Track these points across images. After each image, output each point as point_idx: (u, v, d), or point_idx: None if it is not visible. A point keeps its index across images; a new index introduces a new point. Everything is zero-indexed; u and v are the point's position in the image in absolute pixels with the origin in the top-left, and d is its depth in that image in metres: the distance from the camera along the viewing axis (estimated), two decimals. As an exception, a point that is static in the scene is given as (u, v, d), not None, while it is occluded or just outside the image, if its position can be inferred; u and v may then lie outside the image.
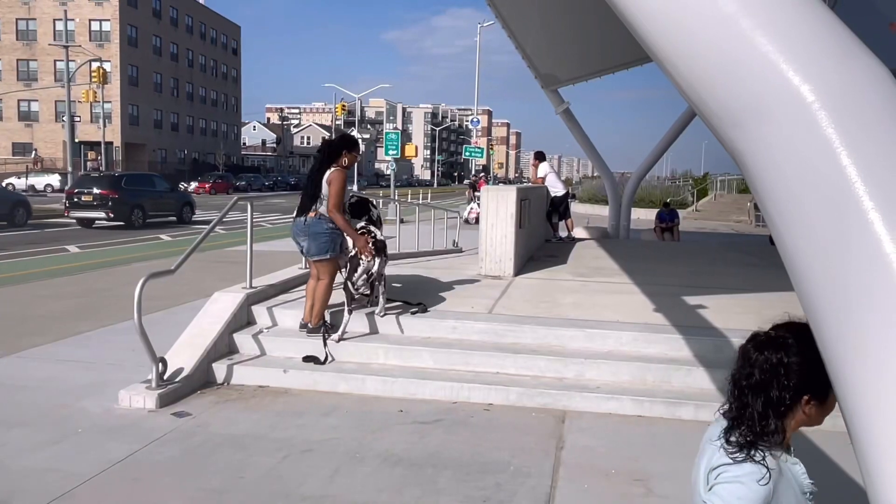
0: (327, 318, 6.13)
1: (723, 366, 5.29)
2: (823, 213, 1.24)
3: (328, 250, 5.92)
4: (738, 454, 1.62)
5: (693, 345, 5.64)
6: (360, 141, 6.32)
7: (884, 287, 1.17)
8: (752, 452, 1.61)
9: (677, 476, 4.03)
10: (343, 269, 6.12)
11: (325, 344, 5.77)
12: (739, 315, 6.29)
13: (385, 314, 6.26)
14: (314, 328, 6.00)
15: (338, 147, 6.07)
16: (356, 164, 6.16)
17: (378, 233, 6.30)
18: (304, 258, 6.16)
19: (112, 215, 20.86)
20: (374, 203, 6.96)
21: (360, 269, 6.02)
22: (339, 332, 5.95)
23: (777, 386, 1.62)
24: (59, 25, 51.90)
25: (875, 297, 1.18)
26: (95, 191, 20.96)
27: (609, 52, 15.03)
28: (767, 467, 1.59)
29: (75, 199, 21.00)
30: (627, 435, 4.71)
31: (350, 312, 5.99)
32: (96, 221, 21.46)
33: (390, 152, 30.53)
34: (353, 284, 6.00)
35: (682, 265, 10.68)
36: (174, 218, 23.66)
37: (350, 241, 6.07)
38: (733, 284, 8.53)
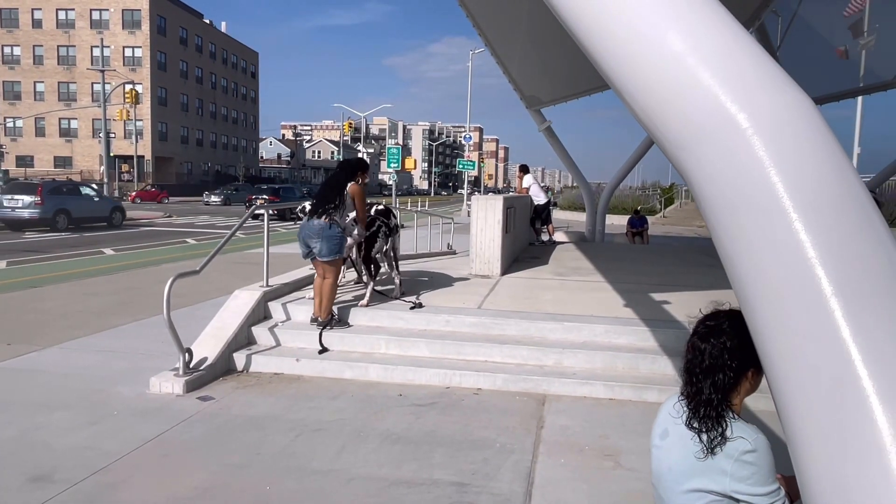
0: (335, 311, 6.16)
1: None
2: (754, 221, 1.28)
3: (337, 252, 5.99)
4: (715, 441, 1.64)
5: (658, 336, 5.69)
6: (368, 164, 6.60)
7: (803, 280, 1.22)
8: (724, 430, 1.64)
9: (644, 451, 4.06)
10: (350, 257, 6.69)
11: (320, 337, 5.85)
12: (700, 309, 6.32)
13: (399, 297, 6.67)
14: (324, 321, 6.03)
15: (355, 167, 6.24)
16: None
17: (388, 223, 6.85)
18: (307, 259, 6.20)
19: None
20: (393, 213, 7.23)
21: (376, 246, 6.67)
22: (366, 300, 6.43)
23: (725, 366, 1.67)
24: (96, 52, 51.76)
25: (796, 288, 1.23)
26: None
27: (585, 76, 15.07)
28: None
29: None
30: (600, 416, 4.75)
31: (373, 280, 6.57)
32: None
33: (392, 165, 30.53)
34: (371, 257, 6.62)
35: (650, 265, 10.73)
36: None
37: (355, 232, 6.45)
38: (695, 282, 8.58)
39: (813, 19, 15.45)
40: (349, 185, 6.13)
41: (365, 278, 6.67)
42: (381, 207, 7.09)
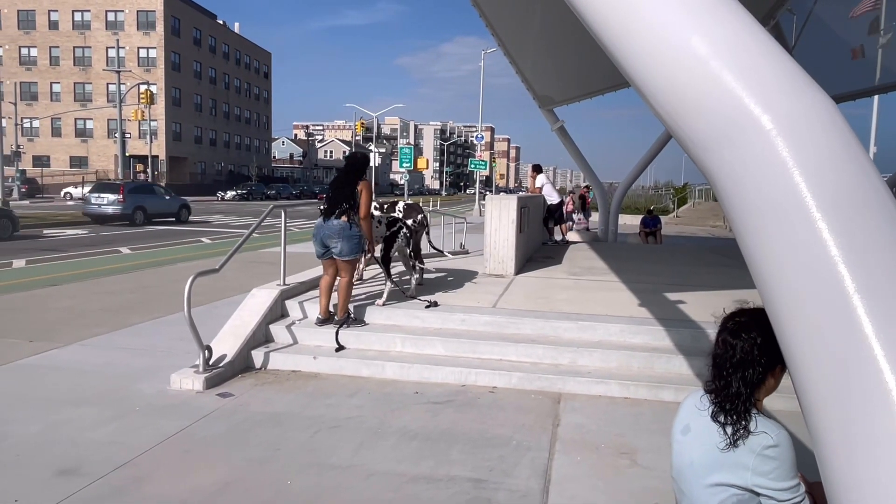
0: (351, 310, 6.22)
1: (700, 354, 5.36)
2: (776, 220, 1.32)
3: (357, 251, 6.05)
4: (739, 434, 1.67)
5: (673, 335, 5.70)
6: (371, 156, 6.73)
7: (826, 279, 1.25)
8: (748, 424, 1.67)
9: (659, 450, 4.10)
10: (366, 256, 6.79)
11: (337, 335, 5.90)
12: (715, 309, 6.31)
13: (415, 296, 6.70)
14: (341, 320, 6.09)
15: (364, 163, 6.29)
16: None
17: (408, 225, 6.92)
18: (321, 259, 6.24)
19: None
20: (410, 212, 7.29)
21: (395, 245, 6.76)
22: (383, 298, 6.49)
23: (755, 362, 1.69)
24: (112, 53, 52.32)
25: (819, 287, 1.26)
26: None
27: (598, 76, 15.08)
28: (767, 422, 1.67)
29: None
30: (615, 414, 4.77)
31: (391, 280, 6.61)
32: None
33: (404, 165, 30.61)
34: (389, 257, 6.68)
35: (664, 265, 10.71)
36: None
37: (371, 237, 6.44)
38: (709, 282, 8.56)
39: (828, 18, 15.34)
40: (360, 183, 6.10)
41: (388, 283, 6.65)
42: (408, 202, 7.17)
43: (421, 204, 9.14)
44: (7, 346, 6.19)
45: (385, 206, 7.26)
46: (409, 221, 7.33)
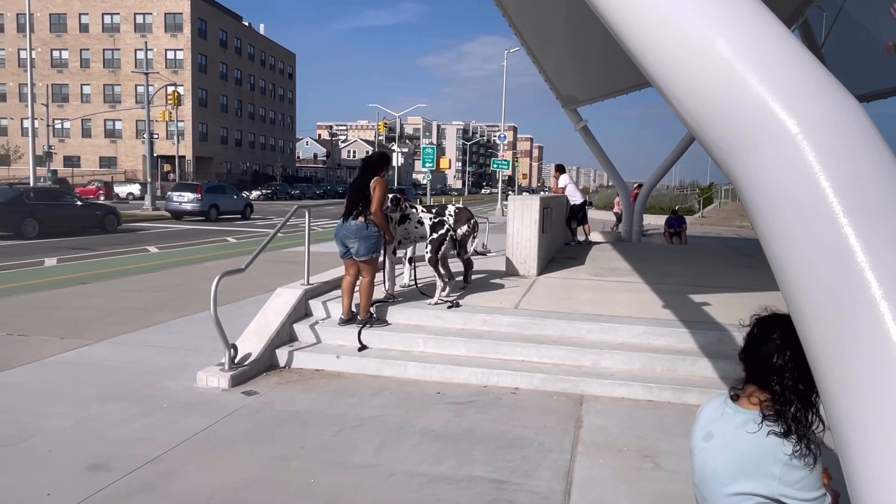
0: (373, 310, 6.26)
1: (725, 356, 5.31)
2: (803, 225, 1.31)
3: (374, 251, 6.08)
4: (808, 458, 1.62)
5: (698, 338, 5.64)
6: (392, 156, 6.70)
7: (852, 284, 1.24)
8: (812, 447, 1.63)
9: (683, 453, 4.06)
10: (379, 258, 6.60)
11: (360, 335, 5.93)
12: (740, 311, 6.19)
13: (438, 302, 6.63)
14: (363, 320, 6.13)
15: (378, 162, 6.28)
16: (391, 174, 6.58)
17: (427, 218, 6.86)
18: (342, 258, 6.30)
19: None
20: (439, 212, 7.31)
21: (443, 248, 6.73)
22: (435, 299, 6.53)
23: (792, 371, 1.63)
24: (140, 55, 53.22)
25: (845, 292, 1.25)
26: None
27: (622, 75, 14.94)
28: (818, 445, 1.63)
29: None
30: (638, 417, 4.74)
31: (444, 282, 6.63)
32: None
33: (427, 165, 30.69)
34: (440, 259, 6.69)
35: (689, 266, 10.59)
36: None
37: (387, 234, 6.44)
38: (735, 284, 8.45)
39: (859, 14, 15.02)
40: (373, 180, 6.11)
41: (438, 281, 6.64)
42: (459, 206, 7.25)
43: (443, 202, 9.15)
44: (39, 343, 6.34)
45: (434, 209, 7.25)
46: (465, 227, 7.30)
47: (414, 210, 6.87)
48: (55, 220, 18.85)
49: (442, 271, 6.70)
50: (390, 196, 6.50)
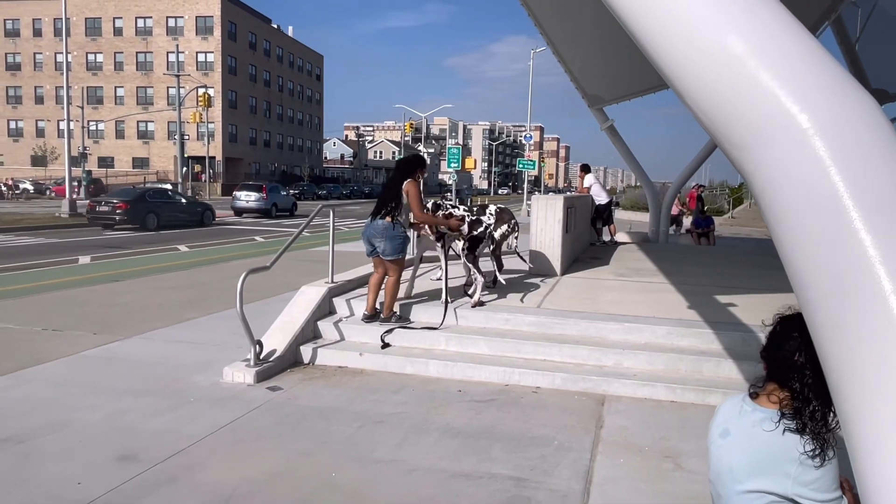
0: (396, 309, 6.31)
1: (750, 358, 5.24)
2: (815, 222, 1.30)
3: (400, 251, 6.14)
4: (818, 459, 1.61)
5: (723, 339, 5.57)
6: (426, 159, 6.68)
7: (868, 284, 1.23)
8: (826, 447, 1.62)
9: (705, 455, 4.02)
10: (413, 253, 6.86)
11: (384, 337, 5.96)
12: (766, 313, 6.09)
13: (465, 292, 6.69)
14: (386, 318, 6.19)
15: (413, 164, 6.33)
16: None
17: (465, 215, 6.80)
18: (370, 257, 6.36)
19: None
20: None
21: (481, 246, 6.71)
22: (476, 298, 6.51)
23: (815, 369, 1.61)
24: (172, 57, 54.21)
25: (860, 293, 1.24)
26: None
27: (649, 74, 14.79)
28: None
29: None
30: (660, 418, 4.71)
31: (481, 275, 6.62)
32: None
33: (452, 165, 30.69)
34: (475, 257, 6.66)
35: (716, 267, 10.45)
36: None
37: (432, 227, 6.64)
38: (763, 285, 8.32)
39: (895, 9, 14.64)
40: (405, 182, 6.20)
41: (478, 278, 6.65)
42: (500, 206, 7.27)
43: (469, 202, 9.17)
44: (73, 338, 6.53)
45: (475, 209, 7.27)
46: (504, 227, 7.33)
47: (456, 210, 6.88)
48: (168, 215, 22.57)
49: (481, 269, 6.74)
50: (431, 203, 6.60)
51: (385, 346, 5.92)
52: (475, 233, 6.65)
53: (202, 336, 6.71)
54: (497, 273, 7.21)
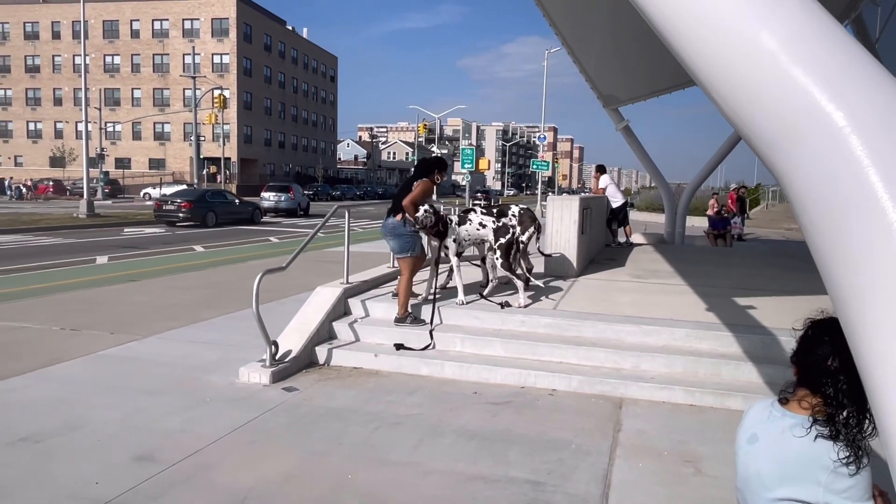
0: (410, 309, 6.29)
1: (770, 361, 5.16)
2: (851, 222, 1.26)
3: (409, 250, 6.13)
4: (853, 466, 1.56)
5: (742, 342, 5.50)
6: (447, 163, 6.60)
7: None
8: (861, 455, 1.57)
9: (725, 459, 3.96)
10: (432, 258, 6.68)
11: (398, 346, 5.89)
12: (787, 315, 6.03)
13: (484, 296, 6.67)
14: (399, 318, 6.17)
15: (431, 165, 6.33)
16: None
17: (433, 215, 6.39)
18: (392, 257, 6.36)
19: None
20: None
21: (512, 252, 6.63)
22: (522, 302, 6.48)
23: (848, 376, 1.55)
24: (188, 59, 54.72)
25: (894, 291, 1.20)
26: None
27: (665, 74, 14.68)
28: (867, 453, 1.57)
29: None
30: (679, 421, 4.65)
31: (520, 279, 6.60)
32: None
33: (466, 166, 30.67)
34: (508, 264, 6.57)
35: (734, 269, 10.33)
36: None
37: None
38: (782, 287, 8.21)
39: (918, 8, 14.41)
40: (417, 181, 6.18)
41: (517, 283, 6.62)
42: (522, 208, 7.21)
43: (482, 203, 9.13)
44: (91, 338, 6.58)
45: (496, 211, 7.22)
46: (530, 229, 7.29)
47: (474, 212, 6.84)
48: (224, 214, 24.92)
49: (518, 272, 6.72)
50: (425, 208, 6.43)
51: (399, 346, 5.90)
52: (503, 240, 6.56)
53: (218, 336, 6.73)
54: (528, 276, 7.17)
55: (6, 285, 10.17)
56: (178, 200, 23.77)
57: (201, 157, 43.61)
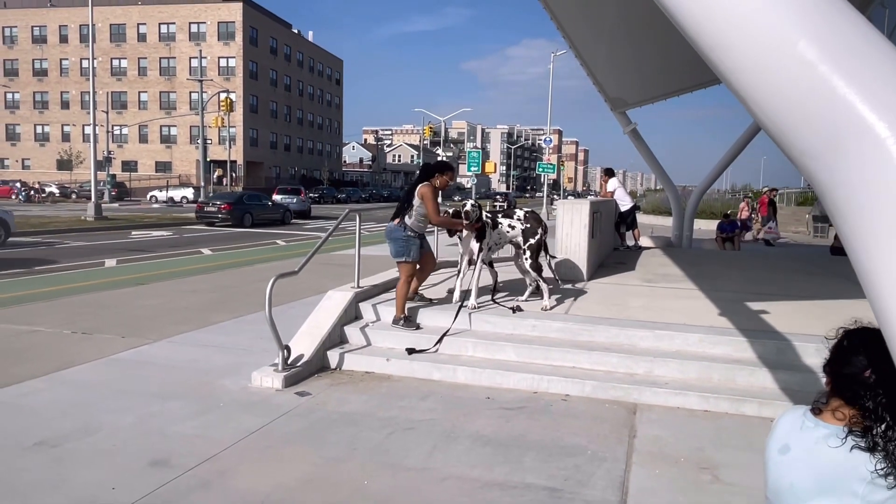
0: (406, 311, 6.27)
1: (785, 367, 5.14)
2: (893, 233, 1.25)
3: (403, 254, 6.16)
4: (892, 478, 1.51)
5: (756, 347, 5.46)
6: (454, 167, 6.63)
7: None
8: None
9: (743, 466, 3.94)
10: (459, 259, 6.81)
11: (408, 352, 5.88)
12: (802, 320, 6.03)
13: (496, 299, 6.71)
14: (394, 320, 6.19)
15: (432, 169, 6.33)
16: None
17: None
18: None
19: None
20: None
21: (540, 252, 6.82)
22: (548, 304, 6.60)
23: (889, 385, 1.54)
24: (194, 63, 54.87)
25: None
26: None
27: (674, 77, 14.66)
28: None
29: None
30: (694, 427, 4.62)
31: (544, 282, 6.72)
32: None
33: (472, 169, 30.70)
34: (537, 265, 6.76)
35: (744, 273, 10.28)
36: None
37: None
38: (794, 292, 8.17)
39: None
40: (419, 186, 6.19)
41: (542, 285, 6.73)
42: (528, 210, 7.23)
43: (488, 206, 9.11)
44: (103, 342, 6.59)
45: (501, 213, 7.21)
46: (539, 233, 7.32)
47: (509, 218, 6.90)
48: (260, 215, 26.97)
49: (543, 275, 6.78)
50: (471, 202, 6.53)
51: (411, 351, 5.89)
52: (532, 241, 6.73)
53: (229, 340, 6.74)
54: (556, 278, 7.21)
55: (18, 288, 10.21)
56: (219, 203, 25.94)
57: (208, 159, 43.73)
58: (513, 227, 6.80)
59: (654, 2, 1.70)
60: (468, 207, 6.39)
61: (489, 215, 6.75)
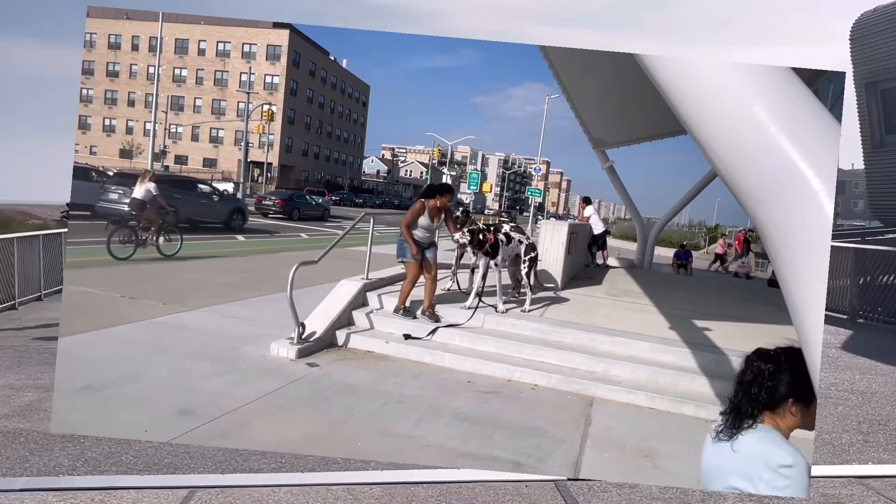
0: (407, 304, 6.28)
1: (722, 377, 5.15)
2: (819, 268, 1.28)
3: (400, 255, 6.30)
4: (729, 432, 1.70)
5: (698, 358, 5.48)
6: (452, 190, 6.66)
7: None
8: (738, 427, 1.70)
9: (678, 457, 3.96)
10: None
11: (407, 337, 5.88)
12: (739, 339, 6.06)
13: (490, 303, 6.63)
14: (395, 309, 6.25)
15: (434, 190, 6.40)
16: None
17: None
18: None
19: None
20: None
21: (534, 268, 7.02)
22: (527, 307, 6.58)
23: (759, 385, 1.65)
24: (244, 77, 54.89)
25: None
26: None
27: (649, 124, 14.75)
28: None
29: None
30: (641, 421, 4.64)
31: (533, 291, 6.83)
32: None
33: (472, 187, 30.83)
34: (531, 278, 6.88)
35: (693, 295, 10.32)
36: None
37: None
38: (735, 314, 8.20)
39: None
40: (416, 201, 6.32)
41: (528, 291, 6.84)
42: (514, 226, 7.37)
43: (481, 222, 9.15)
44: (147, 306, 6.58)
45: (493, 228, 7.17)
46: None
47: (513, 232, 7.03)
48: (305, 211, 26.83)
49: (532, 283, 6.97)
50: (461, 232, 6.48)
51: (408, 337, 5.90)
52: (533, 254, 7.01)
53: (253, 314, 6.73)
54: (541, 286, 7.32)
55: (78, 255, 10.18)
56: (274, 198, 26.94)
57: (248, 160, 43.73)
58: (521, 243, 7.00)
59: (638, 62, 1.74)
60: (456, 236, 6.43)
61: (504, 234, 6.83)
